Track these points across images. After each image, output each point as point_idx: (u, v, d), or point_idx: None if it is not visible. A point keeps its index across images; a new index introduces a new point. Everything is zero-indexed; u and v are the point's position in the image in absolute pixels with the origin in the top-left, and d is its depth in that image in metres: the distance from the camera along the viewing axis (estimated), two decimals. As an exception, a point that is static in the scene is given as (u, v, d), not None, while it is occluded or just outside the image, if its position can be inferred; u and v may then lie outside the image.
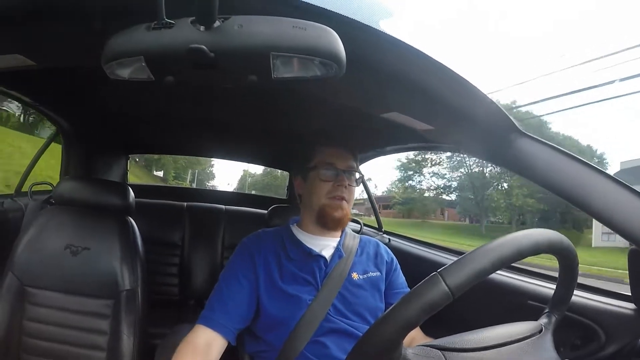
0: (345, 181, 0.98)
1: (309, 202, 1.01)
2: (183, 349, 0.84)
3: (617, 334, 0.83)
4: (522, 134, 0.83)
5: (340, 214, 0.98)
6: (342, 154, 1.01)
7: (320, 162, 0.99)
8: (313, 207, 1.00)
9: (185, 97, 1.31)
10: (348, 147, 1.03)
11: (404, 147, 1.43)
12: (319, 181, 0.98)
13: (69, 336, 1.18)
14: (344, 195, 0.98)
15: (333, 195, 0.97)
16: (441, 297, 0.47)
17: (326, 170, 0.98)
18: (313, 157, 1.01)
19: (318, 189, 0.99)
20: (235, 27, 0.45)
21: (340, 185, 0.97)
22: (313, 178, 1.00)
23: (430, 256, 1.50)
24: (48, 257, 1.22)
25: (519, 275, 1.12)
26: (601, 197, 0.74)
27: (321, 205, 0.98)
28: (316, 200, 0.99)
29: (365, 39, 0.58)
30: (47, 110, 1.54)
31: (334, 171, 0.98)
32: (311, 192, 1.00)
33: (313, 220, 1.01)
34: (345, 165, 1.00)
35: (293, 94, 1.07)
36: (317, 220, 1.00)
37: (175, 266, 2.05)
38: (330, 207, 0.98)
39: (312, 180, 1.00)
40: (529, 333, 0.59)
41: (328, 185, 0.98)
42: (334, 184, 0.98)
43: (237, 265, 0.96)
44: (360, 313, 0.95)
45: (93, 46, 0.50)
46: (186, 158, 22.46)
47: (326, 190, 0.98)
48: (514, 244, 0.52)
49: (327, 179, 0.98)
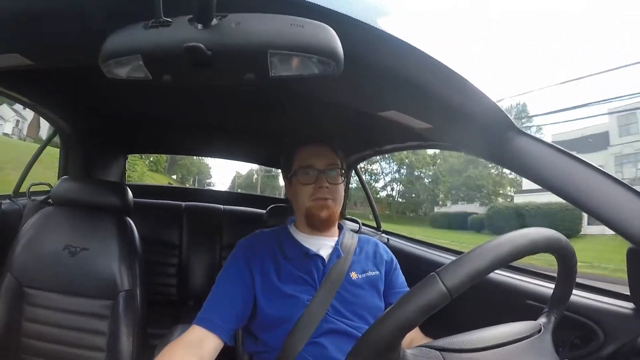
0: (324, 182, 0.97)
1: (296, 204, 1.02)
2: (174, 343, 0.83)
3: (616, 333, 0.83)
4: (520, 132, 0.83)
5: (326, 214, 0.97)
6: (321, 152, 1.00)
7: (298, 165, 0.99)
8: (300, 210, 1.00)
9: (183, 96, 1.31)
10: (328, 144, 1.02)
11: (402, 145, 1.43)
12: (300, 185, 0.98)
13: (67, 337, 1.18)
14: (326, 196, 0.97)
15: (316, 197, 0.97)
16: (439, 297, 0.47)
17: (304, 173, 0.98)
18: (293, 160, 1.01)
19: (301, 192, 0.98)
20: (233, 25, 0.45)
21: (321, 187, 0.97)
22: (295, 183, 1.00)
23: (429, 256, 1.50)
24: (46, 258, 1.21)
25: (518, 275, 1.12)
26: (599, 195, 0.74)
27: (307, 207, 0.98)
28: (301, 203, 0.99)
29: (363, 37, 0.58)
30: (45, 110, 1.54)
31: (313, 172, 0.97)
32: (296, 195, 1.00)
33: (303, 222, 1.01)
34: (324, 164, 0.98)
35: (290, 92, 1.07)
36: (307, 222, 1.00)
37: (173, 266, 2.06)
38: (315, 209, 0.97)
39: (295, 185, 1.00)
40: (528, 333, 0.59)
41: (309, 188, 0.97)
42: (315, 185, 0.97)
43: (233, 266, 0.96)
44: (359, 313, 0.94)
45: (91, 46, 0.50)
46: (193, 164, 29.53)
47: (309, 193, 0.97)
48: (512, 243, 0.52)
49: (307, 182, 0.97)
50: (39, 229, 1.25)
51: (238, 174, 36.87)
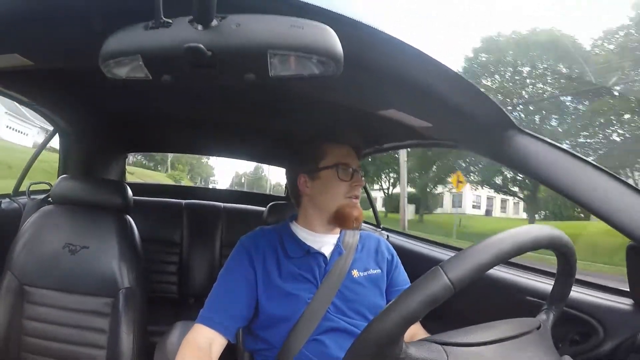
0: (361, 180, 0.99)
1: (321, 202, 0.99)
2: (185, 349, 0.84)
3: (615, 329, 0.83)
4: (520, 130, 0.83)
5: (358, 213, 0.97)
6: (352, 153, 1.01)
7: (336, 161, 0.98)
8: (327, 208, 0.98)
9: (183, 95, 1.31)
10: (356, 146, 1.03)
11: (402, 144, 1.43)
12: (337, 181, 0.97)
13: (68, 335, 1.18)
14: (358, 194, 0.99)
15: (350, 195, 0.97)
16: (443, 290, 0.47)
17: (344, 169, 0.98)
18: (324, 156, 0.99)
19: (334, 188, 0.97)
20: (233, 25, 0.45)
21: (357, 184, 0.98)
22: (328, 178, 0.98)
23: (429, 252, 1.51)
24: (47, 256, 1.22)
25: (518, 272, 1.12)
26: (599, 193, 0.74)
27: (339, 205, 0.97)
28: (332, 201, 0.98)
29: (362, 37, 0.58)
30: (45, 109, 1.53)
31: (349, 170, 0.98)
32: (325, 192, 0.98)
33: (324, 220, 1.00)
34: (356, 164, 1.00)
35: (290, 92, 1.07)
36: (333, 221, 0.99)
37: (174, 264, 2.06)
38: (349, 207, 0.97)
39: (327, 180, 0.98)
40: (528, 329, 0.59)
41: (345, 185, 0.97)
42: (352, 183, 0.98)
43: (235, 264, 0.96)
44: (360, 311, 0.94)
45: (91, 46, 0.50)
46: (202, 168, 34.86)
47: (344, 190, 0.97)
48: (514, 239, 0.52)
49: (345, 179, 0.97)
50: (39, 227, 1.25)
51: (237, 174, 43.51)
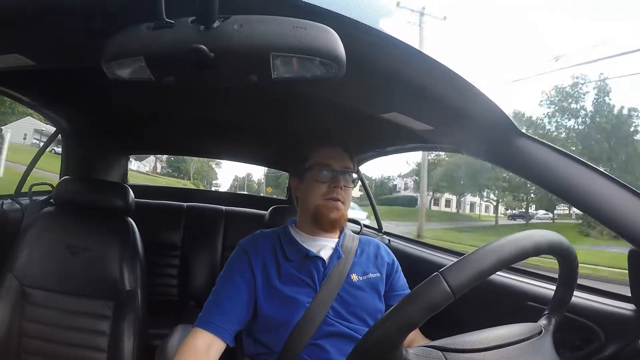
0: (340, 182, 0.97)
1: (305, 202, 1.01)
2: (184, 353, 0.84)
3: (617, 334, 0.82)
4: (521, 134, 0.83)
5: (336, 215, 0.97)
6: (339, 155, 1.01)
7: (316, 162, 0.99)
8: (309, 208, 0.99)
9: (185, 97, 1.31)
10: (345, 147, 1.03)
11: (404, 147, 1.43)
12: (315, 182, 0.98)
13: (68, 337, 1.18)
14: (339, 196, 0.97)
15: (328, 197, 0.97)
16: (443, 296, 0.47)
17: (322, 171, 0.98)
18: (309, 157, 1.00)
19: (314, 189, 0.98)
20: (235, 27, 0.45)
21: (335, 186, 0.97)
22: (309, 179, 0.99)
23: (430, 257, 1.50)
24: (48, 258, 1.21)
25: (519, 277, 1.12)
26: (601, 197, 0.74)
27: (316, 205, 0.98)
28: (312, 201, 0.98)
29: (365, 39, 0.58)
30: (47, 110, 1.54)
31: (330, 172, 0.98)
32: (307, 193, 1.00)
33: (309, 221, 1.01)
34: (341, 166, 0.99)
35: (293, 94, 1.07)
36: (313, 221, 1.00)
37: (174, 267, 2.05)
38: (326, 208, 0.97)
39: (308, 181, 1.00)
40: (529, 334, 0.59)
41: (324, 186, 0.97)
42: (330, 185, 0.97)
43: (234, 267, 0.96)
44: (359, 315, 0.94)
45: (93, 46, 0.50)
46: (207, 173, 38.21)
47: (322, 192, 0.97)
48: (515, 245, 0.52)
49: (323, 180, 0.97)
50: (41, 229, 1.25)
51: (236, 177, 46.35)
